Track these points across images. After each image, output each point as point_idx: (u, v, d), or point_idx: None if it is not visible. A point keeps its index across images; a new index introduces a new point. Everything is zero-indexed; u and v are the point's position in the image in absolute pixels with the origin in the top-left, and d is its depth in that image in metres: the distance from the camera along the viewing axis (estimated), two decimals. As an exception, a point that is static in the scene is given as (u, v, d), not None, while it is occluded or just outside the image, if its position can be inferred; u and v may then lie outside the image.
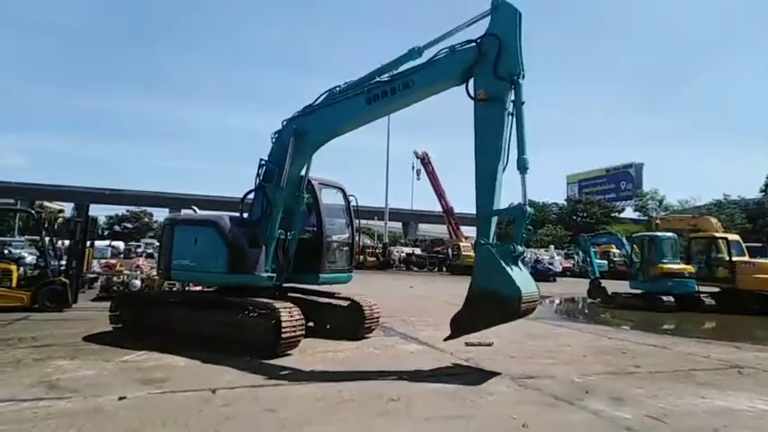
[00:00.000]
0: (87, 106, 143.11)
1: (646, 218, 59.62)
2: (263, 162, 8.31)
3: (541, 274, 32.49)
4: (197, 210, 10.70)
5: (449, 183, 54.10)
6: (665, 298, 16.31)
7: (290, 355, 7.32)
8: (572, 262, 43.95)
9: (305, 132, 8.00)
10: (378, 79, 7.39)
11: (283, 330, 7.09)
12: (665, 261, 17.23)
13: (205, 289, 10.12)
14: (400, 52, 7.36)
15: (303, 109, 8.12)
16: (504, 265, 6.14)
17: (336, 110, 7.79)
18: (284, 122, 8.26)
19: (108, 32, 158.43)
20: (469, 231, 63.45)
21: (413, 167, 48.82)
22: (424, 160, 46.36)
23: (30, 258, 14.63)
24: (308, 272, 8.62)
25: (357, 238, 9.59)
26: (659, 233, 18.69)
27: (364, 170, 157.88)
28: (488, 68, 6.53)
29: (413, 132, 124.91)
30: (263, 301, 7.57)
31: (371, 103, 7.44)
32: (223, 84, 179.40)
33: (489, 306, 6.21)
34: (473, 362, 7.46)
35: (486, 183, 6.51)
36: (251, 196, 8.42)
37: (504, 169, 6.50)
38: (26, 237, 25.71)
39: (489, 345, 8.68)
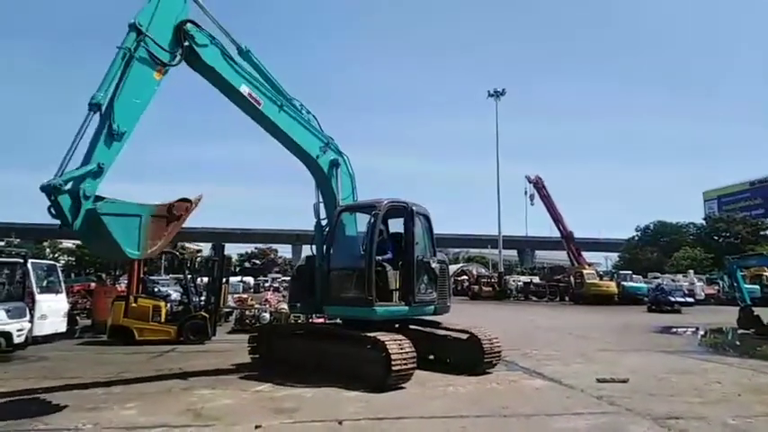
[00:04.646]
0: (211, 157, 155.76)
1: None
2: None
3: (664, 304, 27.57)
4: None
5: (566, 207, 50.84)
6: (837, 328, 14.02)
7: (403, 388, 7.31)
8: (716, 288, 39.41)
9: None
10: None
11: (393, 363, 7.10)
12: (834, 284, 14.86)
13: (327, 321, 10.51)
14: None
15: None
16: None
17: None
18: None
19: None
20: (592, 257, 59.63)
21: (525, 192, 47.25)
22: (538, 184, 44.57)
23: (174, 295, 16.15)
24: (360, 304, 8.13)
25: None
26: (824, 252, 16.23)
27: (476, 198, 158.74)
28: None
29: (523, 158, 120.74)
30: (371, 334, 7.61)
31: None
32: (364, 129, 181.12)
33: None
34: (607, 399, 6.91)
35: None
36: None
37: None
38: (171, 276, 28.65)
39: (624, 381, 8.01)
